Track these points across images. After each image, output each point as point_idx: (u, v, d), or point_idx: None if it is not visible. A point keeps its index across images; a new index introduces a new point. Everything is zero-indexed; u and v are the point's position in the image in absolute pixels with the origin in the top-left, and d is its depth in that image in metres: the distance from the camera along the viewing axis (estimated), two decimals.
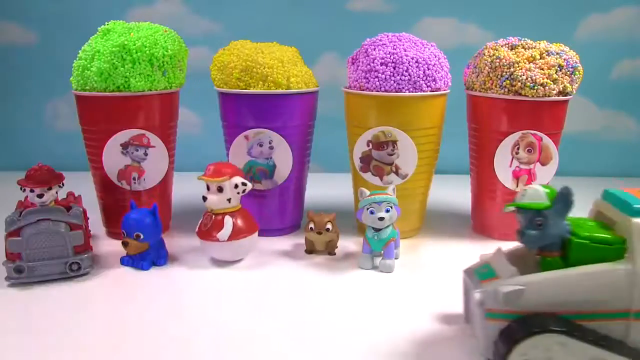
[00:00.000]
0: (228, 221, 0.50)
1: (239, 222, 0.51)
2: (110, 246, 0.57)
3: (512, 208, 0.34)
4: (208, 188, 0.50)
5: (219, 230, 0.50)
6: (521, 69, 0.54)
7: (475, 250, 0.48)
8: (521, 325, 0.32)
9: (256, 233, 0.52)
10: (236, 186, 0.50)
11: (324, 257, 0.54)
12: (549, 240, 0.34)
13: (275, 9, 0.88)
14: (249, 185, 0.51)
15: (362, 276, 0.50)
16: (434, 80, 0.55)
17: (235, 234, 0.50)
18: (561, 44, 0.57)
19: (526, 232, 0.34)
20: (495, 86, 0.55)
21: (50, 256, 0.47)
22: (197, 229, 0.52)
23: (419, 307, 0.43)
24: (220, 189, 0.50)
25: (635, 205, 0.32)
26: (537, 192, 0.34)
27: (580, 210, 0.32)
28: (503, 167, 0.57)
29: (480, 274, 0.36)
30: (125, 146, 0.55)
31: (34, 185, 0.47)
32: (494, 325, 0.32)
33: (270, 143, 0.57)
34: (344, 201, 0.66)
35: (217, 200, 0.50)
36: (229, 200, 0.50)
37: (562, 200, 0.33)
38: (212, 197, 0.50)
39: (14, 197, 0.53)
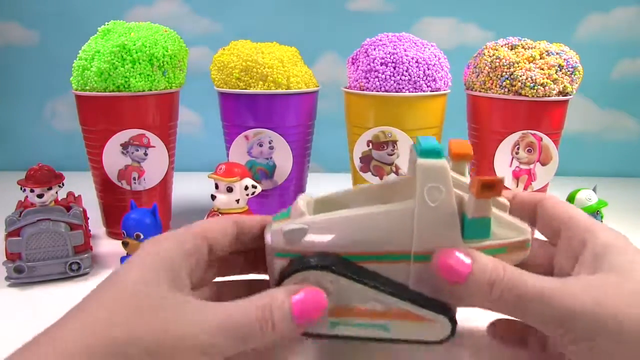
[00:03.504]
0: None
1: None
2: (110, 246, 0.57)
3: None
4: (217, 187, 0.50)
5: None
6: (521, 69, 0.54)
7: None
8: (294, 262, 0.31)
9: None
10: (246, 188, 0.50)
11: None
12: None
13: (275, 9, 0.88)
14: (259, 188, 0.51)
15: None
16: (434, 80, 0.55)
17: None
18: (561, 44, 0.57)
19: None
20: (495, 86, 0.55)
21: (50, 256, 0.47)
22: None
23: None
24: (229, 189, 0.50)
25: (423, 145, 0.30)
26: None
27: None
28: (503, 167, 0.56)
29: (276, 217, 0.34)
30: (125, 146, 0.55)
31: (34, 185, 0.47)
32: (280, 263, 0.32)
33: (270, 143, 0.57)
34: None
35: (226, 200, 0.50)
36: (238, 201, 0.50)
37: None
38: (221, 197, 0.50)
39: (14, 197, 0.53)
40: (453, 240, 0.29)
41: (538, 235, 0.34)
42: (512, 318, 0.29)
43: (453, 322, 0.30)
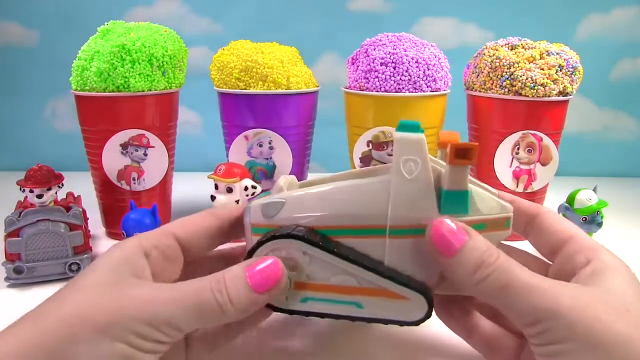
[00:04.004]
0: None
1: None
2: (109, 246, 0.56)
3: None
4: (216, 187, 0.50)
5: None
6: (521, 69, 0.54)
7: None
8: (266, 234, 0.31)
9: None
10: (246, 188, 0.50)
11: None
12: None
13: (275, 9, 0.88)
14: (259, 189, 0.51)
15: None
16: (434, 80, 0.55)
17: None
18: (561, 44, 0.57)
19: None
20: (495, 86, 0.55)
21: (49, 257, 0.47)
22: None
23: None
24: (229, 190, 0.50)
25: (402, 121, 0.30)
26: None
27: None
28: (503, 167, 0.56)
29: (258, 197, 0.34)
30: (124, 146, 0.55)
31: (33, 185, 0.47)
32: (256, 240, 0.31)
33: (270, 143, 0.57)
34: None
35: (226, 201, 0.50)
36: (237, 201, 0.50)
37: None
38: (221, 198, 0.50)
39: (13, 197, 0.53)
40: (429, 213, 0.29)
41: (533, 250, 0.33)
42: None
43: (430, 301, 0.30)
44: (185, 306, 0.26)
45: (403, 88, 0.54)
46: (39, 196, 0.47)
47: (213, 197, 0.50)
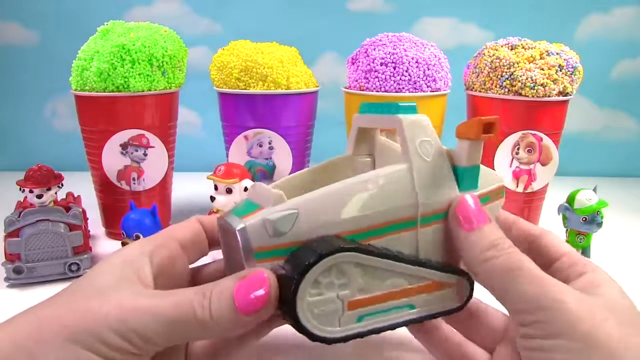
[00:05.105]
0: None
1: None
2: (109, 247, 0.57)
3: None
4: (216, 188, 0.50)
5: None
6: (521, 69, 0.54)
7: None
8: (305, 252, 0.25)
9: None
10: (245, 189, 0.50)
11: None
12: None
13: (275, 9, 0.88)
14: None
15: None
16: (434, 80, 0.55)
17: None
18: (561, 44, 0.57)
19: None
20: (495, 86, 0.55)
21: (49, 257, 0.47)
22: None
23: None
24: (229, 191, 0.50)
25: (400, 104, 0.29)
26: None
27: None
28: (503, 167, 0.56)
29: (238, 212, 0.27)
30: (124, 146, 0.55)
31: (33, 185, 0.47)
32: (267, 266, 0.26)
33: (270, 143, 0.57)
34: None
35: (226, 202, 0.50)
36: (237, 202, 0.50)
37: None
38: (220, 198, 0.50)
39: (13, 197, 0.53)
40: (451, 193, 0.29)
41: None
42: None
43: (471, 282, 0.30)
44: (160, 318, 0.24)
45: (403, 88, 0.54)
46: (39, 196, 0.47)
47: (212, 198, 0.50)
